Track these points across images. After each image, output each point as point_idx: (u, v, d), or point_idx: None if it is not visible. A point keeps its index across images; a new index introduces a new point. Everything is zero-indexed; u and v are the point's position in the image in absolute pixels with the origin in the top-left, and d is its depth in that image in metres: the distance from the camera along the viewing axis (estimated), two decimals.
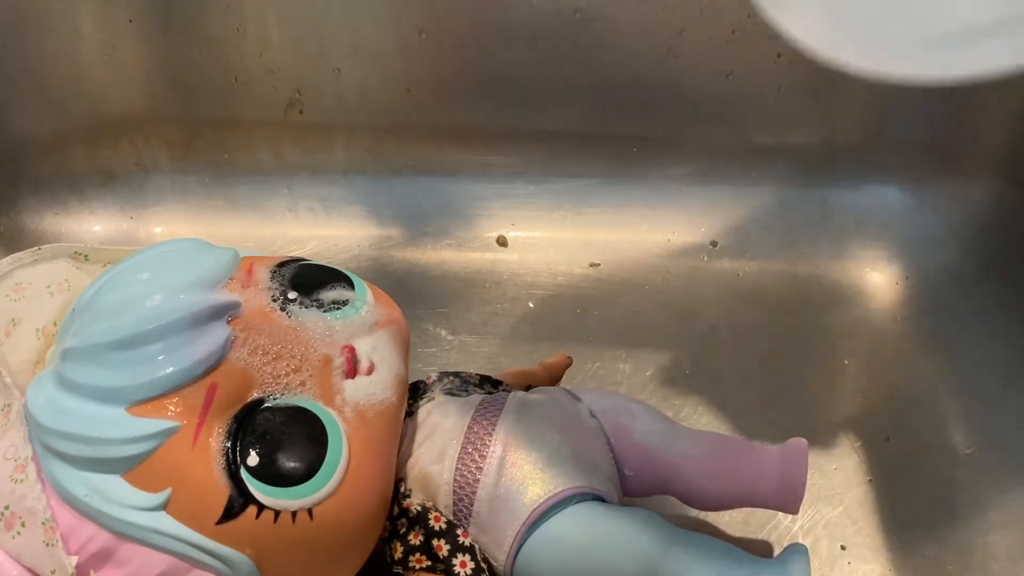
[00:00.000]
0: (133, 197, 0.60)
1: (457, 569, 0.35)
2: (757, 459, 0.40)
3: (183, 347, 0.32)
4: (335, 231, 0.60)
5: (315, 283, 0.37)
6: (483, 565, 0.36)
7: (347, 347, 0.35)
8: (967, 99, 0.56)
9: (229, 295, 0.34)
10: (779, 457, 0.40)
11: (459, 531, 0.36)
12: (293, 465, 0.32)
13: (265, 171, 0.60)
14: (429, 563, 0.36)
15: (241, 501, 0.32)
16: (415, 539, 0.36)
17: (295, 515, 0.32)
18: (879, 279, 0.57)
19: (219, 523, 0.32)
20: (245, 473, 0.32)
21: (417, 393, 0.40)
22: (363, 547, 0.36)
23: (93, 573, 0.32)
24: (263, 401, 0.33)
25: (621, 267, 0.58)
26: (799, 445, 0.40)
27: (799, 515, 0.44)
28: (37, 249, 0.39)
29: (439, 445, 0.37)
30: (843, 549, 0.44)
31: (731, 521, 0.45)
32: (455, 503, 0.36)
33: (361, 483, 0.33)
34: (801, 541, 0.44)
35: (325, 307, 0.36)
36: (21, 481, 0.32)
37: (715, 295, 0.56)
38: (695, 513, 0.44)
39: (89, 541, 0.32)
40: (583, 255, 0.59)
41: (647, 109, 0.57)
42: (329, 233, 0.60)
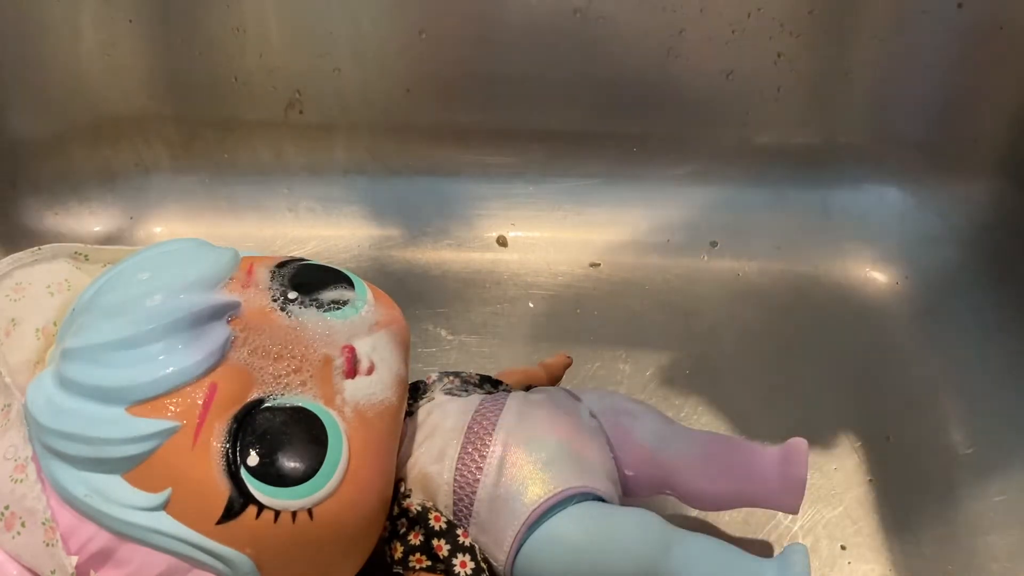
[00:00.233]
0: (133, 197, 0.60)
1: (457, 569, 0.35)
2: (757, 459, 0.40)
3: (183, 347, 0.32)
4: (335, 231, 0.60)
5: (315, 283, 0.37)
6: (483, 565, 0.36)
7: (347, 347, 0.35)
8: (967, 99, 0.56)
9: (229, 295, 0.34)
10: (779, 457, 0.40)
11: (459, 531, 0.36)
12: (293, 465, 0.32)
13: (265, 171, 0.60)
14: (429, 563, 0.36)
15: (241, 501, 0.32)
16: (415, 539, 0.36)
17: (295, 515, 0.32)
18: (879, 279, 0.57)
19: (219, 523, 0.32)
20: (245, 473, 0.32)
21: (417, 393, 0.40)
22: (363, 547, 0.36)
23: (93, 573, 0.32)
24: (263, 401, 0.33)
25: (621, 267, 0.58)
26: (799, 445, 0.40)
27: (799, 515, 0.44)
28: (37, 249, 0.39)
29: (439, 445, 0.37)
30: (843, 549, 0.44)
31: (731, 521, 0.45)
32: (455, 503, 0.36)
33: (361, 483, 0.33)
34: (801, 541, 0.44)
35: (325, 307, 0.36)
36: (21, 481, 0.32)
37: (715, 295, 0.56)
38: (695, 513, 0.44)
39: (89, 541, 0.32)
40: (583, 255, 0.59)
41: (647, 109, 0.57)
42: (329, 233, 0.60)
